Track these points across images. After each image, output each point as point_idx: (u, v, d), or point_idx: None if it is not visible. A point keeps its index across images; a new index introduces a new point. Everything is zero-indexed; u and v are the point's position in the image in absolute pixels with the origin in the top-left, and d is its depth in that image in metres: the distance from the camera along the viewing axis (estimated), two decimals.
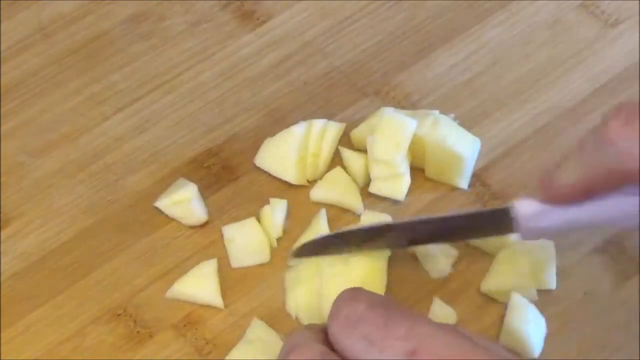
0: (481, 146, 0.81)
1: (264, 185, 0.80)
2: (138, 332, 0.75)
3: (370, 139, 0.77)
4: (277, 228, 0.78)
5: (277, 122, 0.83)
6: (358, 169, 0.79)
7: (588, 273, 0.76)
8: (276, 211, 0.78)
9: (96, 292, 0.76)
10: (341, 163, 0.81)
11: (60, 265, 0.78)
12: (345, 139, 0.82)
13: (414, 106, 0.84)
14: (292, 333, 0.65)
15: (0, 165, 0.82)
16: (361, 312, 0.62)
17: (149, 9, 0.90)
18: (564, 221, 0.69)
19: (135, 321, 0.75)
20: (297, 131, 0.80)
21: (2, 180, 0.81)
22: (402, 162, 0.77)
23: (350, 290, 0.64)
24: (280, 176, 0.80)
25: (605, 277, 0.76)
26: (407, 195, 0.79)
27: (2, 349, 0.74)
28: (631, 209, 0.69)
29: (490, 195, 0.80)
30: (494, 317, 0.74)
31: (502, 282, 0.74)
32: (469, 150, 0.79)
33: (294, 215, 0.79)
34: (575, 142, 0.68)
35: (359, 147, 0.81)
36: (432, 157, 0.79)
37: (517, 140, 0.82)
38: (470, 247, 0.77)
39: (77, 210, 0.80)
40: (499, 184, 0.80)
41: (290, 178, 0.80)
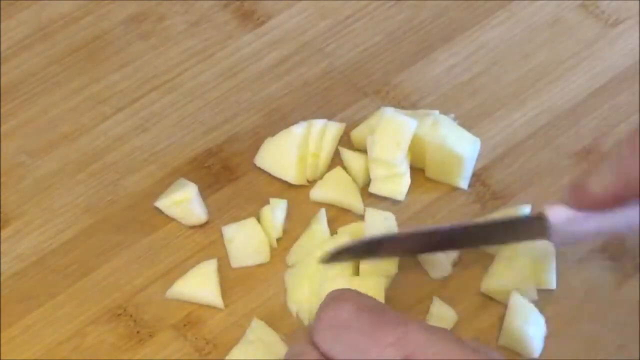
0: (481, 146, 0.81)
1: (264, 185, 0.80)
2: (138, 332, 0.75)
3: (370, 138, 0.77)
4: (277, 228, 0.78)
5: (277, 122, 0.83)
6: (358, 169, 0.79)
7: (588, 273, 0.76)
8: (276, 211, 0.78)
9: (96, 292, 0.76)
10: (341, 163, 0.81)
11: (60, 265, 0.77)
12: (345, 139, 0.82)
13: (414, 106, 0.84)
14: (294, 336, 0.65)
15: (0, 165, 0.82)
16: (346, 318, 0.60)
17: (149, 9, 0.90)
18: (597, 227, 0.70)
19: (135, 321, 0.75)
20: (297, 131, 0.80)
21: (2, 180, 0.81)
22: (402, 162, 0.77)
23: (336, 292, 0.62)
24: (280, 176, 0.80)
25: (605, 277, 0.76)
26: (407, 195, 0.79)
27: (2, 349, 0.74)
28: None
29: (490, 195, 0.80)
30: (494, 317, 0.74)
31: (502, 282, 0.74)
32: (469, 150, 0.79)
33: (293, 215, 0.79)
34: (611, 149, 0.68)
35: (359, 147, 0.81)
36: (432, 157, 0.79)
37: (517, 140, 0.82)
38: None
39: (77, 210, 0.80)
40: (499, 184, 0.80)
41: (290, 178, 0.80)
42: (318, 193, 0.79)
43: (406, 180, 0.78)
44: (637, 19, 0.88)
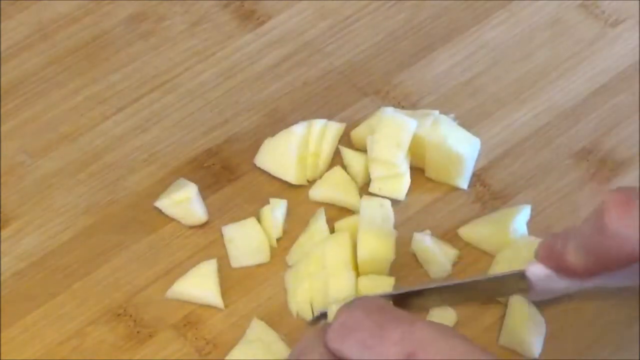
0: (481, 146, 0.81)
1: (264, 185, 0.80)
2: (138, 332, 0.75)
3: (370, 138, 0.77)
4: (277, 228, 0.78)
5: (277, 122, 0.83)
6: (358, 168, 0.79)
7: None
8: (276, 211, 0.78)
9: (96, 292, 0.76)
10: (341, 163, 0.81)
11: (60, 265, 0.77)
12: (345, 139, 0.82)
13: (414, 106, 0.84)
14: (305, 336, 0.65)
15: (0, 165, 0.82)
16: (357, 319, 0.61)
17: (149, 9, 0.90)
18: (573, 284, 0.70)
19: (135, 321, 0.75)
20: (297, 131, 0.80)
21: (2, 180, 0.81)
22: (402, 162, 0.77)
23: (352, 300, 0.64)
24: (280, 176, 0.80)
25: None
26: (407, 195, 0.79)
27: (2, 349, 0.74)
28: None
29: (490, 195, 0.80)
30: (494, 317, 0.74)
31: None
32: (469, 150, 0.79)
33: (293, 215, 0.79)
34: (571, 225, 0.69)
35: (359, 147, 0.81)
36: (432, 157, 0.79)
37: (517, 140, 0.82)
38: (470, 247, 0.77)
39: (77, 210, 0.80)
40: (499, 184, 0.80)
41: (290, 178, 0.80)
42: (317, 192, 0.79)
43: (406, 180, 0.78)
44: (637, 19, 0.88)
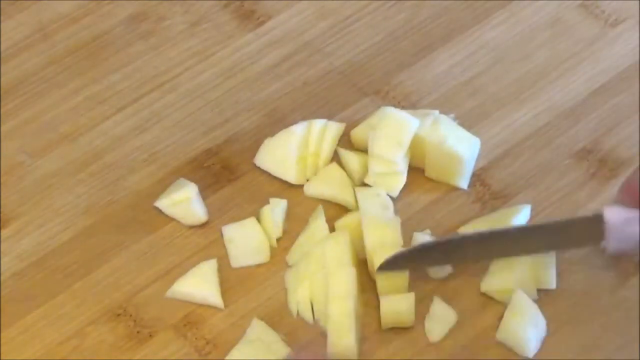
0: (481, 146, 0.81)
1: (264, 185, 0.80)
2: (138, 332, 0.75)
3: (371, 134, 0.77)
4: (277, 228, 0.78)
5: (277, 122, 0.83)
6: (355, 168, 0.79)
7: (588, 273, 0.76)
8: (276, 211, 0.78)
9: (96, 292, 0.76)
10: (340, 162, 0.81)
11: (60, 265, 0.78)
12: (345, 139, 0.82)
13: (414, 106, 0.84)
14: None
15: (0, 165, 0.82)
16: None
17: (149, 9, 0.90)
18: None
19: (135, 321, 0.75)
20: (297, 131, 0.80)
21: (2, 180, 0.81)
22: (401, 161, 0.77)
23: None
24: (280, 176, 0.80)
25: (605, 277, 0.76)
26: (407, 195, 0.79)
27: (2, 349, 0.74)
28: None
29: (490, 195, 0.80)
30: (494, 317, 0.74)
31: (502, 282, 0.74)
32: (468, 150, 0.79)
33: (293, 215, 0.79)
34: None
35: (359, 147, 0.81)
36: (432, 157, 0.79)
37: (517, 140, 0.82)
38: None
39: (77, 210, 0.80)
40: (499, 184, 0.80)
41: (290, 178, 0.80)
42: (313, 188, 0.79)
43: (402, 179, 0.78)
44: (637, 19, 0.88)
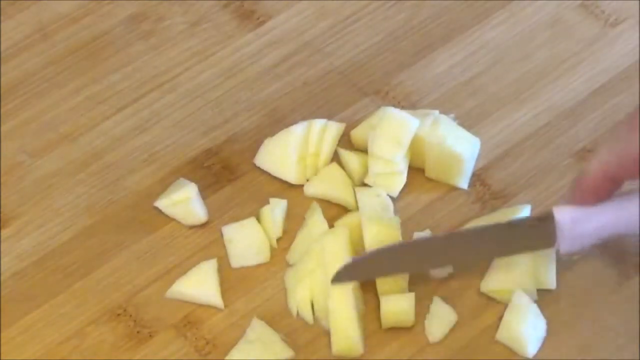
0: (481, 146, 0.81)
1: (264, 185, 0.80)
2: (138, 332, 0.75)
3: (371, 134, 0.77)
4: (277, 228, 0.78)
5: (277, 122, 0.83)
6: (355, 167, 0.79)
7: (588, 273, 0.76)
8: (276, 211, 0.78)
9: (96, 292, 0.76)
10: (340, 162, 0.81)
11: (60, 265, 0.77)
12: (345, 139, 0.82)
13: (414, 106, 0.84)
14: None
15: (0, 165, 0.82)
16: None
17: (149, 9, 0.90)
18: (603, 225, 0.70)
19: (135, 321, 0.75)
20: (297, 131, 0.80)
21: (2, 180, 0.81)
22: (401, 160, 0.77)
23: None
24: (280, 176, 0.80)
25: (605, 277, 0.76)
26: (407, 195, 0.79)
27: (2, 349, 0.74)
28: None
29: (490, 195, 0.80)
30: (494, 317, 0.74)
31: (502, 282, 0.74)
32: (469, 150, 0.79)
33: (293, 215, 0.79)
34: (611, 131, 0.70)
35: (359, 147, 0.81)
36: (432, 157, 0.79)
37: (517, 140, 0.82)
38: None
39: (77, 210, 0.80)
40: (499, 183, 0.80)
41: (290, 178, 0.80)
42: (313, 188, 0.79)
43: (402, 179, 0.78)
44: (637, 19, 0.88)
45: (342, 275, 0.73)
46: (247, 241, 0.77)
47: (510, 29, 0.88)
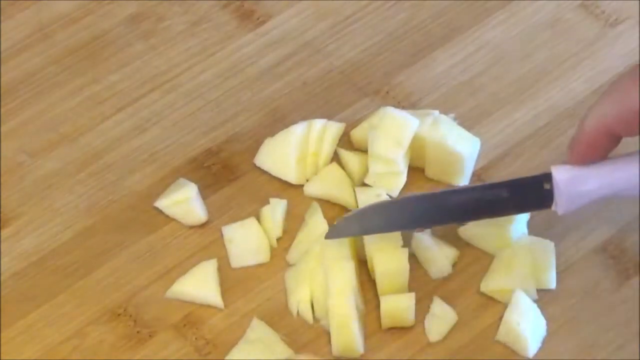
0: (481, 146, 0.81)
1: (264, 185, 0.80)
2: (138, 332, 0.75)
3: (371, 134, 0.77)
4: (277, 228, 0.78)
5: (277, 122, 0.83)
6: (355, 168, 0.79)
7: (588, 273, 0.76)
8: (276, 211, 0.78)
9: (96, 292, 0.76)
10: (340, 162, 0.81)
11: (60, 265, 0.78)
12: (344, 139, 0.82)
13: (414, 106, 0.84)
14: None
15: (0, 165, 0.82)
16: None
17: (149, 9, 0.90)
18: (600, 183, 0.70)
19: (135, 321, 0.75)
20: (297, 131, 0.80)
21: (2, 180, 0.81)
22: (401, 160, 0.77)
23: None
24: (280, 176, 0.80)
25: (605, 277, 0.76)
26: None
27: (2, 349, 0.74)
28: None
29: None
30: (494, 317, 0.74)
31: (502, 282, 0.74)
32: (469, 150, 0.79)
33: (293, 214, 0.79)
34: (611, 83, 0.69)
35: (359, 147, 0.81)
36: (432, 157, 0.79)
37: (517, 140, 0.82)
38: (471, 247, 0.77)
39: (77, 210, 0.80)
40: None
41: (290, 178, 0.80)
42: (313, 188, 0.79)
43: (402, 179, 0.78)
44: (637, 19, 0.88)
45: (334, 231, 0.73)
46: (247, 241, 0.77)
47: (510, 29, 0.88)
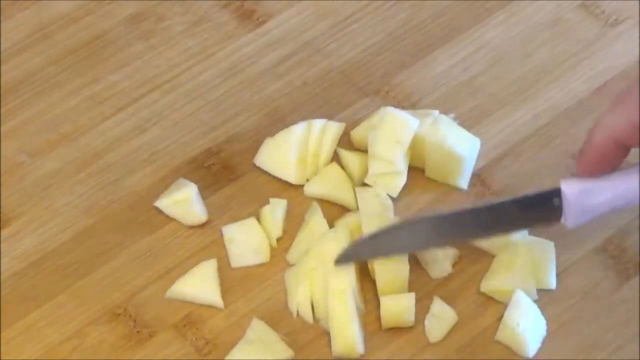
0: (481, 146, 0.81)
1: (264, 185, 0.80)
2: (138, 332, 0.75)
3: (371, 134, 0.77)
4: (277, 228, 0.78)
5: (277, 122, 0.83)
6: (355, 167, 0.79)
7: (588, 273, 0.76)
8: (276, 211, 0.78)
9: (96, 292, 0.76)
10: (340, 162, 0.81)
11: (60, 265, 0.78)
12: (344, 139, 0.82)
13: (414, 106, 0.84)
14: None
15: (0, 165, 0.82)
16: None
17: (149, 9, 0.90)
18: (611, 196, 0.69)
19: (135, 321, 0.75)
20: (297, 131, 0.80)
21: (2, 180, 0.81)
22: (401, 160, 0.77)
23: None
24: (280, 176, 0.80)
25: (605, 277, 0.76)
26: (407, 195, 0.79)
27: (2, 349, 0.74)
28: None
29: (490, 195, 0.80)
30: (494, 317, 0.74)
31: (502, 282, 0.74)
32: (468, 150, 0.79)
33: (293, 214, 0.79)
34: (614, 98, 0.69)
35: (359, 147, 0.81)
36: (432, 157, 0.79)
37: (517, 140, 0.82)
38: (471, 247, 0.77)
39: (77, 210, 0.80)
40: (499, 184, 0.80)
41: (290, 178, 0.80)
42: (313, 188, 0.79)
43: (402, 179, 0.78)
44: (637, 19, 0.88)
45: (343, 257, 0.73)
46: (247, 241, 0.77)
47: (510, 29, 0.88)
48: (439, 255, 0.76)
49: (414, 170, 0.79)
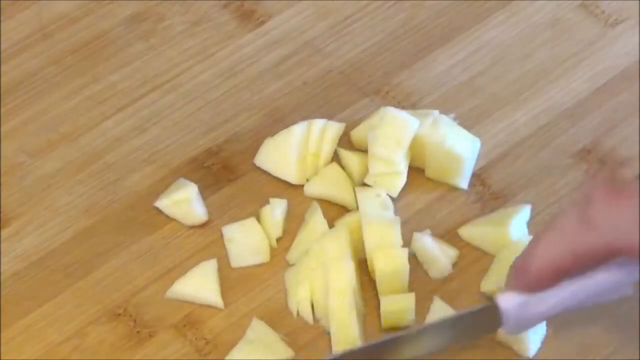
0: (481, 146, 0.81)
1: (264, 185, 0.80)
2: (138, 332, 0.75)
3: (371, 134, 0.77)
4: (277, 228, 0.78)
5: (277, 122, 0.83)
6: (355, 167, 0.79)
7: None
8: (276, 211, 0.78)
9: (96, 292, 0.76)
10: (340, 162, 0.81)
11: (60, 265, 0.78)
12: (344, 139, 0.82)
13: (414, 106, 0.84)
14: None
15: (0, 165, 0.82)
16: None
17: (149, 9, 0.90)
18: (548, 308, 0.67)
19: (135, 321, 0.75)
20: (297, 131, 0.80)
21: (2, 180, 0.81)
22: (401, 161, 0.77)
23: None
24: (280, 176, 0.80)
25: None
26: (407, 195, 0.79)
27: (2, 349, 0.74)
28: (625, 278, 0.65)
29: (490, 195, 0.80)
30: None
31: (502, 282, 0.74)
32: (468, 150, 0.79)
33: (293, 214, 0.79)
34: (549, 222, 0.66)
35: (359, 147, 0.81)
36: (432, 157, 0.79)
37: (517, 140, 0.82)
38: (470, 247, 0.77)
39: (77, 210, 0.80)
40: (499, 183, 0.80)
41: (290, 178, 0.80)
42: (313, 188, 0.79)
43: (402, 179, 0.78)
44: (637, 19, 0.88)
45: None
46: (247, 241, 0.77)
47: (510, 29, 0.88)
48: (439, 256, 0.76)
49: (414, 170, 0.79)
